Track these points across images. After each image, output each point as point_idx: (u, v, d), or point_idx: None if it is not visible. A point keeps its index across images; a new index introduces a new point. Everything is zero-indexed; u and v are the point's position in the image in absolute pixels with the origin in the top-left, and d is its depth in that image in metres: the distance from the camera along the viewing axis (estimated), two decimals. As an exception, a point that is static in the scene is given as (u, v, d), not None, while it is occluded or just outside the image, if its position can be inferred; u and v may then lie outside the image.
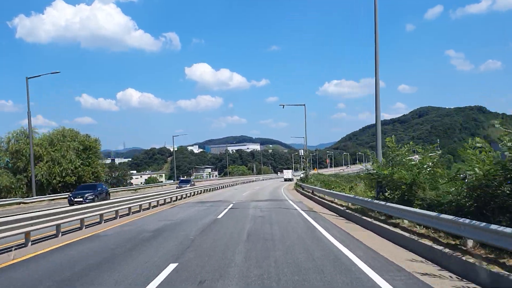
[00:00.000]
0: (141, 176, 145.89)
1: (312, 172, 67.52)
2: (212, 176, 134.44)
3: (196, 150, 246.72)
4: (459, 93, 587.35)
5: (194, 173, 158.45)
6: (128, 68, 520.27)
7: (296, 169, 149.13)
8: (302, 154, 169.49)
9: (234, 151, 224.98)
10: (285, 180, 75.15)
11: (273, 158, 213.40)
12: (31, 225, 9.61)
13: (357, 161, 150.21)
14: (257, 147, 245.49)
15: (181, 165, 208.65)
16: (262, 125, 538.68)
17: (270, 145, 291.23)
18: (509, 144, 6.50)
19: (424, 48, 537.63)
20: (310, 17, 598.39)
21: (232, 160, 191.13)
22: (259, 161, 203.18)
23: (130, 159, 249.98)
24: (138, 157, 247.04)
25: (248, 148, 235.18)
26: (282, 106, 42.23)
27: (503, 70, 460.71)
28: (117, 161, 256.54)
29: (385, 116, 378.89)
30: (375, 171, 12.45)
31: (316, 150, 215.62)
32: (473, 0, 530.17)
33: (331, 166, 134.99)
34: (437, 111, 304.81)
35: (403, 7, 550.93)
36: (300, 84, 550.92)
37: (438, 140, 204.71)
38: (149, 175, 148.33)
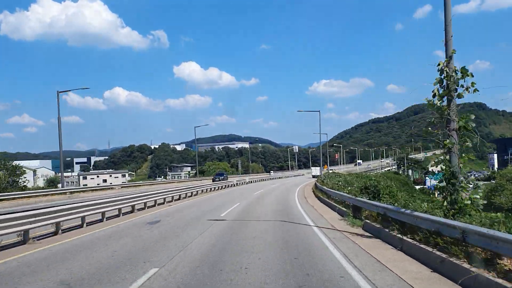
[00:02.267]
0: (97, 176, 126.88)
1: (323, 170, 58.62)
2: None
3: (179, 148, 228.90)
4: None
5: (171, 173, 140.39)
6: (116, 67, 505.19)
7: (291, 168, 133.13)
8: (297, 151, 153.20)
9: (221, 148, 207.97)
10: (313, 176, 72.97)
11: (263, 156, 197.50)
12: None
13: (357, 158, 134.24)
14: (246, 145, 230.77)
15: (162, 163, 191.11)
16: (253, 124, 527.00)
17: (260, 144, 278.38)
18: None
19: (413, 48, 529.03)
20: (299, 16, 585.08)
21: (218, 158, 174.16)
22: (247, 159, 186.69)
23: (106, 157, 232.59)
24: (115, 155, 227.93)
25: (236, 147, 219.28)
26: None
27: (492, 70, 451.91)
28: (94, 159, 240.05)
29: (373, 115, 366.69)
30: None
31: (309, 148, 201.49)
32: (462, 0, 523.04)
33: (341, 163, 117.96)
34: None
35: (393, 6, 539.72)
36: (290, 83, 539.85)
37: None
38: (109, 175, 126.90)
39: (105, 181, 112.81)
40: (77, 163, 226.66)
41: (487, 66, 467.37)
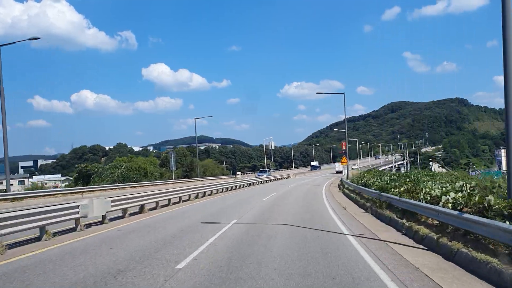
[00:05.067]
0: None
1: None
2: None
3: (137, 149, 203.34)
4: (419, 96, 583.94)
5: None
6: (83, 69, 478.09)
7: (268, 167, 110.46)
8: (273, 147, 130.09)
9: (185, 148, 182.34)
10: (337, 172, 73.82)
11: (234, 156, 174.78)
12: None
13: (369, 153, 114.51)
14: (216, 146, 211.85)
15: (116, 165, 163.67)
16: (225, 126, 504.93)
17: (230, 145, 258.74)
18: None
19: (382, 49, 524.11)
20: (270, 17, 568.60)
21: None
22: (215, 158, 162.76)
23: (53, 161, 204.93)
24: (65, 157, 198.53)
25: (203, 147, 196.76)
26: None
27: (459, 71, 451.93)
28: (40, 163, 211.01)
29: (342, 117, 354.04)
30: None
31: (282, 147, 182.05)
32: (429, 2, 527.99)
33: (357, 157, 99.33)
34: (412, 105, 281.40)
35: (362, 7, 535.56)
36: (261, 85, 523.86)
37: (427, 134, 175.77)
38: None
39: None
40: (22, 167, 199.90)
41: (454, 68, 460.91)
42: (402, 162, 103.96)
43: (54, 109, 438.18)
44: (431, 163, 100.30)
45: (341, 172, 69.04)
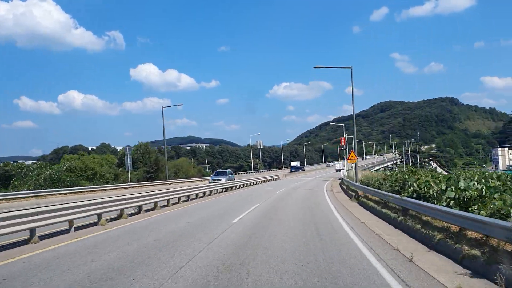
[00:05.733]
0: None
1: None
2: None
3: (119, 148, 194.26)
4: (408, 96, 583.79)
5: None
6: (70, 69, 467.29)
7: (256, 167, 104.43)
8: (261, 146, 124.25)
9: (169, 148, 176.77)
10: (337, 171, 70.76)
11: (221, 156, 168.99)
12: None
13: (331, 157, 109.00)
14: (203, 146, 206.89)
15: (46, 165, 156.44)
16: (215, 127, 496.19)
17: (217, 145, 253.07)
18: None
19: (371, 50, 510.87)
20: (259, 18, 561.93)
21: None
22: (201, 158, 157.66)
23: (34, 162, 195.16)
24: (45, 158, 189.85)
25: (189, 147, 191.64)
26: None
27: (446, 72, 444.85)
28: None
29: (331, 117, 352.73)
30: None
31: (272, 147, 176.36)
32: (417, 3, 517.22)
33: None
34: (402, 104, 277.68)
35: (350, 8, 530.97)
36: (250, 86, 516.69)
37: (418, 133, 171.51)
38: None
39: None
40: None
41: (441, 68, 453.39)
42: (401, 160, 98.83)
43: (41, 110, 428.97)
44: (431, 162, 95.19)
45: (340, 170, 64.04)
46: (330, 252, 7.30)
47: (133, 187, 33.80)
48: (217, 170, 47.03)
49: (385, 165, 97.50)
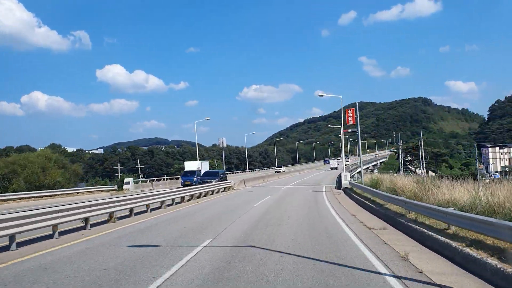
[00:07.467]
0: None
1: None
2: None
3: (71, 150, 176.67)
4: (378, 98, 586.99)
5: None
6: (33, 69, 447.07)
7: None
8: (225, 145, 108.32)
9: (125, 149, 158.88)
10: (332, 169, 69.11)
11: (182, 158, 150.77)
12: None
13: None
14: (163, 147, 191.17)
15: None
16: (183, 129, 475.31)
17: (179, 147, 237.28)
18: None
19: (339, 54, 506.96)
20: (229, 20, 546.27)
21: (121, 161, 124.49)
22: (159, 160, 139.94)
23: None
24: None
25: (146, 148, 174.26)
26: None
27: (412, 76, 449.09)
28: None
29: (301, 120, 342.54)
30: None
31: (240, 147, 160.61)
32: (384, 7, 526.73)
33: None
34: (374, 105, 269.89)
35: (319, 12, 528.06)
36: (220, 88, 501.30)
37: (394, 133, 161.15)
38: None
39: None
40: None
41: (407, 72, 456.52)
42: (397, 159, 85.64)
43: (3, 111, 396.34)
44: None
45: (336, 169, 61.02)
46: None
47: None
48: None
49: (374, 163, 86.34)
